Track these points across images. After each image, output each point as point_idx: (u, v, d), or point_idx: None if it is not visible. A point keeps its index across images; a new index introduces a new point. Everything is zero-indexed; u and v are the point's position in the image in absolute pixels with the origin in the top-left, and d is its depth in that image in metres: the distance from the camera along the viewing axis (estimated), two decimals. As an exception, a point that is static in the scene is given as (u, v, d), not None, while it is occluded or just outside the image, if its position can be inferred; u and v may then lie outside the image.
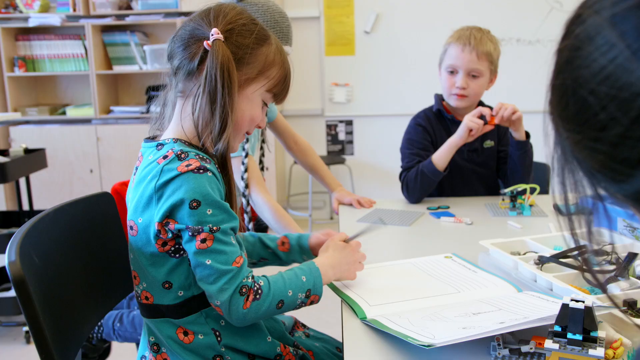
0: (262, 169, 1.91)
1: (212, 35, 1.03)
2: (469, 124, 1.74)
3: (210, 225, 0.98)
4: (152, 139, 1.11)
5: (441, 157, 1.80)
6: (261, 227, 2.68)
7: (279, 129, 2.05)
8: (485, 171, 1.96)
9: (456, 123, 1.87)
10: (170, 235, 1.00)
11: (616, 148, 0.44)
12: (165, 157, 1.01)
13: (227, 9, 1.08)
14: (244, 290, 0.99)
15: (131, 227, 1.06)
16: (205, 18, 1.06)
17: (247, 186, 1.75)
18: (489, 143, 1.96)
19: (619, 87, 0.42)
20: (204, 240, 0.98)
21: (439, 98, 1.97)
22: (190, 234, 0.98)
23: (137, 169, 1.09)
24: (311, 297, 1.07)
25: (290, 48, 1.71)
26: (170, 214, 0.99)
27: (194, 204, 0.97)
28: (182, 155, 1.00)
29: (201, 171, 0.99)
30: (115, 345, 2.01)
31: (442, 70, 1.88)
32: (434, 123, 1.94)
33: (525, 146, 1.84)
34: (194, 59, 1.04)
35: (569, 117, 0.48)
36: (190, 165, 0.99)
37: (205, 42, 1.03)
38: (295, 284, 1.06)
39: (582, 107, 0.46)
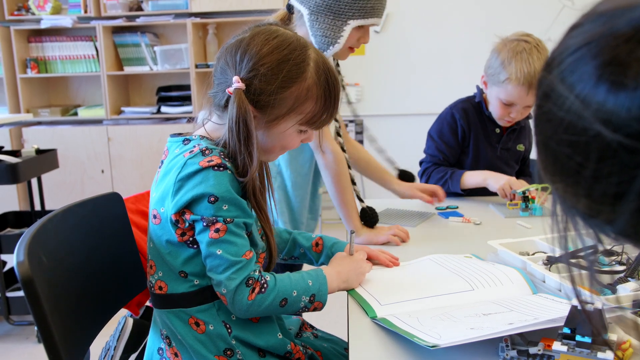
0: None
1: (234, 83, 1.04)
2: (501, 192, 1.77)
3: (225, 217, 1.01)
4: (178, 135, 1.14)
5: (470, 181, 1.85)
6: None
7: None
8: (510, 170, 1.99)
9: (492, 120, 1.93)
10: (187, 225, 1.04)
11: (593, 189, 0.47)
12: (191, 151, 1.05)
13: (256, 48, 1.04)
14: (250, 282, 1.02)
15: (154, 216, 1.10)
16: (233, 57, 1.06)
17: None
18: (521, 147, 2.00)
19: (578, 133, 0.46)
20: (217, 231, 1.01)
21: (481, 91, 1.95)
22: (204, 224, 1.01)
23: (162, 162, 1.12)
24: (315, 303, 1.08)
25: None
26: (188, 206, 1.02)
27: (212, 199, 1.01)
28: (207, 152, 1.04)
29: (221, 169, 1.02)
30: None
31: (494, 95, 1.84)
32: (471, 116, 1.94)
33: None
34: (222, 98, 1.07)
35: (550, 169, 0.52)
36: (212, 161, 1.02)
37: (227, 89, 1.05)
38: (300, 286, 1.07)
39: (555, 158, 0.50)
